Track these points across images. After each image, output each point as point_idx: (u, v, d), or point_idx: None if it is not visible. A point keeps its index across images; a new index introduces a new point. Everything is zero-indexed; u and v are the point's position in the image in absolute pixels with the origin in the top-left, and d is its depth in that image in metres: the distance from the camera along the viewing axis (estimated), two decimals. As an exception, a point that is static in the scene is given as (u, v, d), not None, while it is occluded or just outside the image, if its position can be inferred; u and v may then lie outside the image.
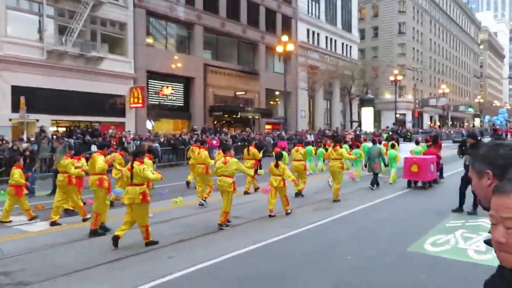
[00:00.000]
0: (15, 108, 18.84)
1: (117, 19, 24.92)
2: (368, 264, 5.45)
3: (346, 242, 6.60)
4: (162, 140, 21.23)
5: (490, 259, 4.80)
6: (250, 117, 32.59)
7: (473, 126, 69.46)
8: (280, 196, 8.59)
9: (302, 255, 5.92)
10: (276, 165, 8.55)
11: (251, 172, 10.31)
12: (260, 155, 12.60)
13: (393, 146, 14.05)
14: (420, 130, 42.80)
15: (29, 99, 18.23)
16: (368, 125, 42.23)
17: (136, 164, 6.47)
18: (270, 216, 8.43)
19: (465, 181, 8.25)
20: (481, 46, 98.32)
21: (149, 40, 27.72)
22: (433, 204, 9.69)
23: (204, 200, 9.89)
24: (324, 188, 12.08)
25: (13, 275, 5.25)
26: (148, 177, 6.48)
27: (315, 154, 15.59)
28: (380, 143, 14.83)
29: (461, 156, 9.70)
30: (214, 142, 21.19)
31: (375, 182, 11.98)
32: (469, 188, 6.75)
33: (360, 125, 43.21)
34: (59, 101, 21.68)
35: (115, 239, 6.25)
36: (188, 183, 12.20)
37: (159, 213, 9.06)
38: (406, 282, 4.84)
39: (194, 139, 20.87)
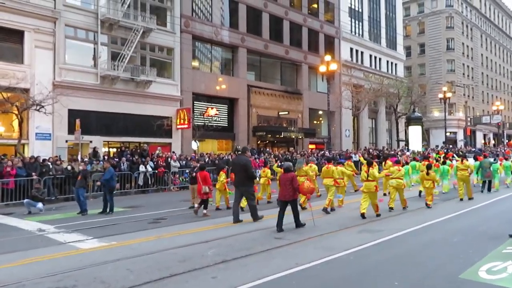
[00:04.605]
0: (71, 130, 20.06)
1: (165, 44, 26.08)
2: (416, 290, 5.21)
3: (392, 266, 6.35)
4: (206, 160, 21.65)
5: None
6: (293, 137, 32.55)
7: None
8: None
9: (345, 279, 5.76)
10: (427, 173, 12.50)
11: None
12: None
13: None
14: (473, 149, 40.70)
15: (83, 121, 19.36)
16: (415, 144, 40.74)
17: None
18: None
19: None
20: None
21: (195, 63, 28.69)
22: (489, 227, 9.15)
23: None
24: (370, 208, 11.74)
25: (66, 291, 5.50)
26: None
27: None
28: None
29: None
30: (257, 161, 21.39)
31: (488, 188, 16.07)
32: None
33: (407, 144, 41.83)
34: (111, 123, 22.86)
35: None
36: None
37: (202, 232, 9.22)
38: (458, 312, 4.57)
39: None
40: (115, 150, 23.17)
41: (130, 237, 8.88)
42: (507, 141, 61.61)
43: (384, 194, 14.28)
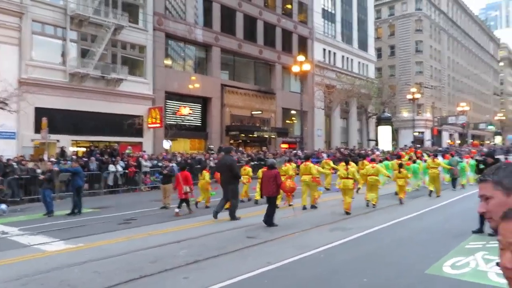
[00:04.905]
0: (38, 129, 19.40)
1: (137, 42, 25.63)
2: (384, 286, 5.33)
3: (362, 263, 6.48)
4: (179, 159, 21.43)
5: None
6: (266, 136, 32.67)
7: (494, 144, 67.89)
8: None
9: (316, 277, 5.83)
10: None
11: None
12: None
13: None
14: (440, 148, 42.07)
15: (50, 120, 18.74)
16: (385, 144, 41.74)
17: None
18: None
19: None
20: (501, 63, 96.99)
21: (168, 62, 28.34)
22: (453, 224, 9.48)
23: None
24: (340, 208, 11.94)
25: (30, 294, 5.32)
26: None
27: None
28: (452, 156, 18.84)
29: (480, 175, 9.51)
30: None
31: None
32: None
33: (377, 144, 42.79)
34: (79, 122, 22.25)
35: None
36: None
37: (175, 232, 9.12)
38: (424, 306, 4.71)
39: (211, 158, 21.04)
40: (84, 149, 22.60)
41: (98, 238, 8.68)
42: (471, 141, 64.05)
43: (358, 189, 14.38)
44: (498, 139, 74.04)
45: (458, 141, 64.52)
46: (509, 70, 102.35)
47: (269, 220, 9.49)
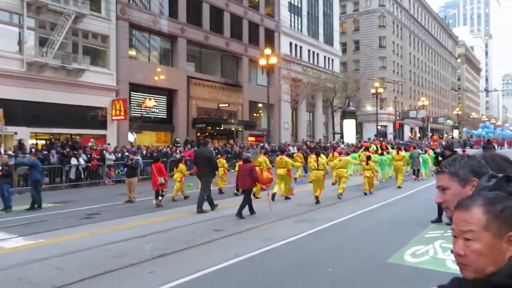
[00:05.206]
0: (-7, 120, 18.44)
1: (99, 31, 24.79)
2: (349, 276, 5.48)
3: (328, 254, 6.63)
4: (144, 152, 21.04)
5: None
6: (233, 129, 32.61)
7: (452, 137, 70.93)
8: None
9: (283, 268, 5.91)
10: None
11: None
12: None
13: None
14: (401, 142, 43.51)
15: (7, 111, 17.86)
16: (350, 137, 42.66)
17: None
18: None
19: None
20: (459, 60, 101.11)
21: (132, 53, 27.63)
22: (414, 214, 9.85)
23: None
24: (308, 199, 12.13)
25: (-13, 294, 5.10)
26: None
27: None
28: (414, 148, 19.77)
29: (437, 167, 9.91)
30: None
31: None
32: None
33: (342, 137, 43.66)
34: (39, 114, 21.34)
35: None
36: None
37: (141, 227, 8.97)
38: (386, 294, 4.88)
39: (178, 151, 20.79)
40: (43, 142, 21.73)
41: (60, 234, 8.40)
42: (430, 134, 66.59)
43: (333, 184, 14.73)
44: (455, 133, 77.35)
45: (418, 135, 66.91)
46: (465, 66, 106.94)
47: (240, 210, 9.56)
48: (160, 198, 11.73)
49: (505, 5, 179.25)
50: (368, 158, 14.05)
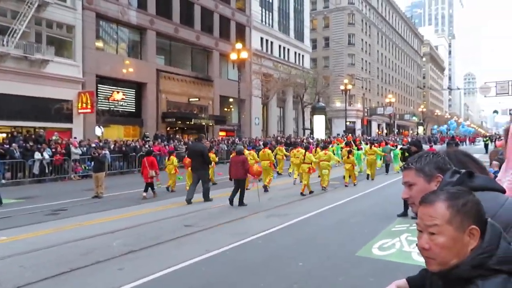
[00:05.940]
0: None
1: (64, 21, 23.92)
2: (319, 269, 5.57)
3: (299, 247, 6.71)
4: (112, 147, 20.56)
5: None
6: (203, 124, 32.36)
7: (417, 134, 73.25)
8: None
9: (253, 263, 5.94)
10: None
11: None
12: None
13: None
14: (368, 138, 44.56)
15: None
16: (319, 133, 43.29)
17: None
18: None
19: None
20: (424, 59, 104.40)
21: (99, 44, 26.85)
22: (382, 208, 10.12)
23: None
24: (278, 195, 12.23)
25: None
26: None
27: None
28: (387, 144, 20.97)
29: (404, 163, 10.23)
30: (167, 148, 20.86)
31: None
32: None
33: (312, 133, 44.21)
34: (0, 105, 20.41)
35: None
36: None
37: (109, 222, 8.78)
38: (355, 286, 5.00)
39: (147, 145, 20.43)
40: (4, 135, 20.82)
41: (23, 231, 8.09)
42: (397, 130, 68.49)
43: (319, 176, 14.87)
44: (420, 129, 79.92)
45: (385, 131, 68.69)
46: (430, 65, 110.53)
47: (240, 199, 10.40)
48: (151, 191, 12.11)
49: (468, 7, 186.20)
50: (349, 152, 14.77)
